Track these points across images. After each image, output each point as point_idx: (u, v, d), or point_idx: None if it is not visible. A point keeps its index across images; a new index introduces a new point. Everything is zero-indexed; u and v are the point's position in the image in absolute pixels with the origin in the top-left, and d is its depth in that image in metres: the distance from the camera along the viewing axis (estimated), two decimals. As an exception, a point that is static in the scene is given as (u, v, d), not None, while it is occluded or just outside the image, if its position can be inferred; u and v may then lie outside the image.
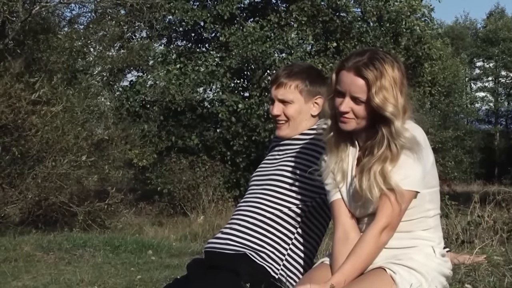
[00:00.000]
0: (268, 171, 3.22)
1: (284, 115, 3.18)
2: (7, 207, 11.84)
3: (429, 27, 23.43)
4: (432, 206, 2.79)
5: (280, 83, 3.17)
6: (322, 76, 3.28)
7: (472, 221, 4.82)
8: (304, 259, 3.14)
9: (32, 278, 5.36)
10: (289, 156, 3.18)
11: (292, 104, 3.17)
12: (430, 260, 2.73)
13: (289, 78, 3.16)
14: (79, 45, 16.64)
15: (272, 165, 3.23)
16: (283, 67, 3.29)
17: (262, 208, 3.11)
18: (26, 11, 12.96)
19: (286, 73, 3.18)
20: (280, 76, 3.18)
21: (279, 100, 3.17)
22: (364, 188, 2.67)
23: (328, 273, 2.73)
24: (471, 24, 48.55)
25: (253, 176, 3.31)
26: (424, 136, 2.74)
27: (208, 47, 22.84)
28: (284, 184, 3.13)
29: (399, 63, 2.72)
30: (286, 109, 3.17)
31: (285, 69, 3.22)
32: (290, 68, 3.23)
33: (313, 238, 3.17)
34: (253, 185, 3.26)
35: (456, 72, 34.39)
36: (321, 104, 3.16)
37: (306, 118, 3.20)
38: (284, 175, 3.14)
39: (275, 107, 3.18)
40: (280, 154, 3.23)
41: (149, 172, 20.58)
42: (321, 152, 2.99)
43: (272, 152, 3.32)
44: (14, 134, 11.84)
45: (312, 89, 3.18)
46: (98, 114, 15.22)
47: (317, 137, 3.09)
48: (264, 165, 3.29)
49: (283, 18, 21.23)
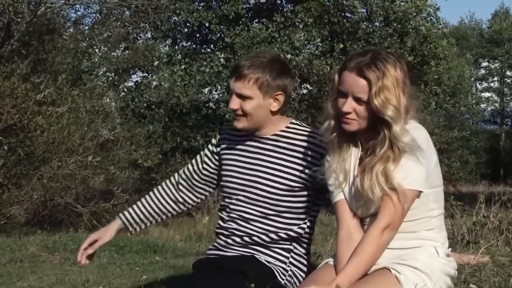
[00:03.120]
0: (254, 177, 3.11)
1: (241, 109, 3.04)
2: (12, 208, 11.86)
3: (435, 26, 23.40)
4: (435, 206, 2.79)
5: (239, 75, 3.01)
6: (287, 70, 3.12)
7: (478, 222, 4.81)
8: (306, 254, 3.17)
9: (37, 279, 5.36)
10: (274, 158, 3.09)
11: (250, 100, 3.01)
12: (434, 260, 2.72)
13: (249, 71, 2.99)
14: (84, 46, 16.68)
15: (258, 169, 3.11)
16: (246, 57, 3.11)
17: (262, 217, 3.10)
18: (32, 12, 12.99)
19: (247, 65, 3.00)
20: (241, 67, 3.01)
21: (237, 95, 3.03)
22: (366, 188, 2.67)
23: (332, 273, 2.73)
24: (476, 25, 48.49)
25: (237, 180, 3.16)
26: (427, 136, 2.73)
27: (213, 47, 22.84)
28: (278, 190, 3.07)
29: (402, 63, 2.71)
30: (244, 104, 3.02)
31: (247, 60, 3.04)
32: (252, 59, 3.03)
33: (310, 233, 3.19)
34: (241, 195, 3.13)
35: (462, 72, 34.32)
36: (282, 100, 3.04)
37: (265, 113, 3.06)
38: (273, 180, 3.07)
39: (232, 101, 3.04)
40: (262, 158, 3.11)
41: (154, 172, 20.59)
42: (301, 153, 3.03)
43: (246, 149, 3.16)
44: (20, 134, 11.86)
45: (273, 83, 3.01)
46: (104, 114, 15.25)
47: (296, 137, 3.09)
48: (246, 169, 3.14)
49: (289, 19, 21.21)
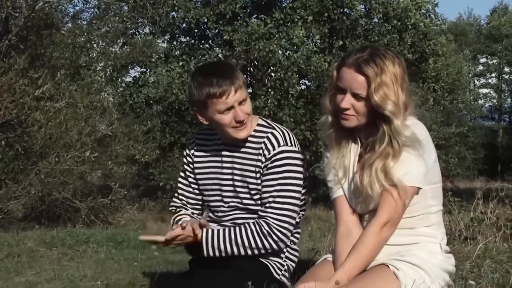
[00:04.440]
0: (233, 187, 3.09)
1: (247, 115, 3.01)
2: (10, 203, 11.85)
3: (433, 23, 23.40)
4: (434, 202, 2.79)
5: (236, 87, 2.94)
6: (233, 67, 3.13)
7: (475, 218, 4.82)
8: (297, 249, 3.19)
9: (35, 274, 5.36)
10: (248, 165, 3.06)
11: (246, 101, 3.01)
12: (433, 256, 2.73)
13: (237, 77, 2.95)
14: (82, 41, 16.64)
15: (235, 178, 3.09)
16: (213, 74, 2.97)
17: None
18: (30, 6, 12.97)
19: (230, 75, 2.95)
20: (230, 78, 2.94)
21: (239, 103, 2.96)
22: (365, 184, 2.67)
23: (331, 269, 2.73)
24: (474, 21, 48.45)
25: (219, 192, 3.14)
26: (426, 132, 2.73)
27: (211, 43, 22.82)
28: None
29: (400, 59, 2.71)
30: (245, 108, 2.99)
31: (223, 73, 2.96)
32: (223, 72, 2.97)
33: (299, 227, 3.21)
34: (228, 202, 3.12)
35: (460, 68, 34.29)
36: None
37: None
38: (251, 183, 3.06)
39: (242, 112, 2.96)
40: (236, 167, 3.08)
41: (152, 168, 20.60)
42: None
43: (224, 160, 3.13)
44: (18, 130, 11.85)
45: (244, 83, 3.01)
46: (101, 110, 15.23)
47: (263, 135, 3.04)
48: (226, 180, 3.11)
49: (289, 15, 21.18)
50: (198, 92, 2.96)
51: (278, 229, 2.95)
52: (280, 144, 2.99)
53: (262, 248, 2.97)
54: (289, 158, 2.98)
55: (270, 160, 2.98)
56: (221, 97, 2.92)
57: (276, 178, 2.97)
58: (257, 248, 2.97)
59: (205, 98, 2.95)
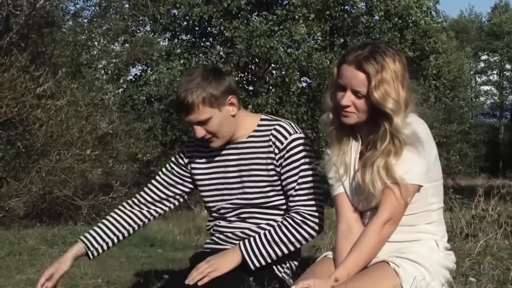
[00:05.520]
0: (238, 184, 3.09)
1: (208, 133, 3.00)
2: (11, 201, 11.86)
3: (434, 20, 23.39)
4: (435, 200, 2.79)
5: (187, 109, 2.93)
6: (219, 72, 3.08)
7: (477, 215, 4.82)
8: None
9: (36, 272, 5.35)
10: (251, 159, 3.06)
11: (210, 120, 2.97)
12: (433, 253, 2.72)
13: (192, 97, 2.91)
14: (83, 38, 16.65)
15: (240, 175, 3.08)
16: (179, 87, 2.97)
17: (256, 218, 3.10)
18: (31, 4, 12.97)
19: (186, 94, 2.93)
20: (183, 100, 2.93)
21: (197, 123, 2.97)
22: (367, 182, 2.67)
23: (331, 267, 2.73)
24: (476, 18, 48.49)
25: (221, 192, 3.14)
26: (427, 129, 2.73)
27: (212, 41, 22.81)
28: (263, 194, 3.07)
29: (401, 56, 2.70)
30: (207, 127, 2.97)
31: (182, 89, 2.95)
32: (186, 86, 2.94)
33: None
34: (230, 202, 3.12)
35: (461, 65, 34.30)
36: (235, 101, 3.01)
37: (229, 121, 3.01)
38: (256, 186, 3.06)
39: (197, 131, 2.98)
40: (241, 163, 3.08)
41: (154, 165, 20.60)
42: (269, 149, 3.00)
43: (224, 159, 3.13)
44: (19, 128, 11.86)
45: (219, 93, 2.96)
46: (103, 108, 15.23)
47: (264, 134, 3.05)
48: (229, 178, 3.11)
49: (290, 12, 21.17)
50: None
51: (311, 214, 2.96)
52: (291, 133, 3.01)
53: (302, 238, 2.98)
54: (303, 144, 3.01)
55: (286, 150, 2.99)
56: (182, 113, 2.98)
57: (297, 166, 2.99)
58: (298, 240, 2.97)
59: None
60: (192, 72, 3.03)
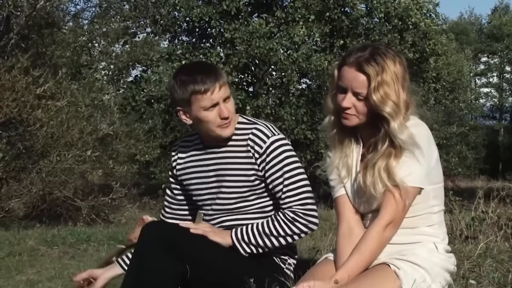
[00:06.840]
0: (216, 188, 3.10)
1: (229, 113, 2.98)
2: (11, 201, 11.84)
3: (434, 22, 23.39)
4: (436, 202, 2.79)
5: (218, 84, 2.94)
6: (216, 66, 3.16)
7: (476, 217, 4.82)
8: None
9: (36, 272, 5.36)
10: (230, 164, 3.06)
11: (230, 99, 3.01)
12: (434, 255, 2.73)
13: (220, 74, 2.97)
14: (83, 40, 16.64)
15: (218, 179, 3.08)
16: (194, 76, 2.96)
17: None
18: (31, 5, 12.95)
19: (211, 71, 2.98)
20: (211, 78, 2.93)
21: (225, 100, 2.97)
22: (368, 184, 2.67)
23: (332, 268, 2.73)
24: (475, 20, 48.46)
25: (204, 192, 3.15)
26: (428, 132, 2.73)
27: (213, 42, 22.81)
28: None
29: (401, 58, 2.70)
30: (229, 106, 2.99)
31: (202, 72, 2.96)
32: (204, 70, 2.98)
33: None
34: (213, 204, 3.13)
35: (461, 67, 34.29)
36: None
37: None
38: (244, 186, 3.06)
39: (225, 109, 2.96)
40: (220, 167, 3.07)
41: (153, 166, 20.60)
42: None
43: (206, 164, 3.12)
44: (19, 128, 11.84)
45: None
46: (103, 109, 15.22)
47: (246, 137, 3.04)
48: (209, 182, 3.11)
49: (290, 14, 21.17)
50: (182, 90, 2.96)
51: (303, 211, 2.98)
52: (269, 136, 3.01)
53: (293, 233, 2.99)
54: (283, 145, 3.01)
55: (266, 153, 2.99)
56: (206, 93, 2.93)
57: (280, 168, 2.99)
58: (288, 235, 2.98)
59: (189, 96, 2.95)
60: (201, 61, 3.08)
